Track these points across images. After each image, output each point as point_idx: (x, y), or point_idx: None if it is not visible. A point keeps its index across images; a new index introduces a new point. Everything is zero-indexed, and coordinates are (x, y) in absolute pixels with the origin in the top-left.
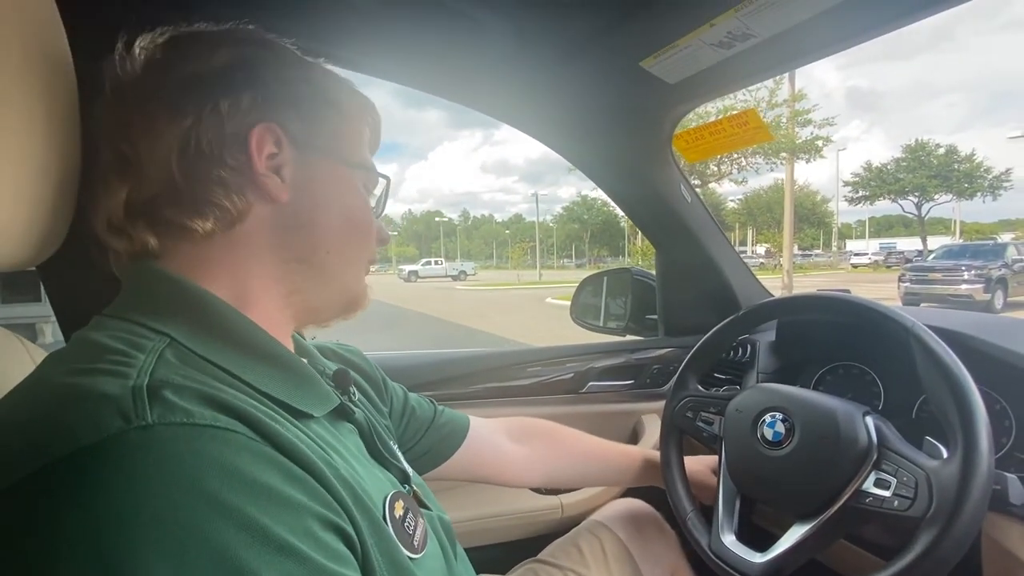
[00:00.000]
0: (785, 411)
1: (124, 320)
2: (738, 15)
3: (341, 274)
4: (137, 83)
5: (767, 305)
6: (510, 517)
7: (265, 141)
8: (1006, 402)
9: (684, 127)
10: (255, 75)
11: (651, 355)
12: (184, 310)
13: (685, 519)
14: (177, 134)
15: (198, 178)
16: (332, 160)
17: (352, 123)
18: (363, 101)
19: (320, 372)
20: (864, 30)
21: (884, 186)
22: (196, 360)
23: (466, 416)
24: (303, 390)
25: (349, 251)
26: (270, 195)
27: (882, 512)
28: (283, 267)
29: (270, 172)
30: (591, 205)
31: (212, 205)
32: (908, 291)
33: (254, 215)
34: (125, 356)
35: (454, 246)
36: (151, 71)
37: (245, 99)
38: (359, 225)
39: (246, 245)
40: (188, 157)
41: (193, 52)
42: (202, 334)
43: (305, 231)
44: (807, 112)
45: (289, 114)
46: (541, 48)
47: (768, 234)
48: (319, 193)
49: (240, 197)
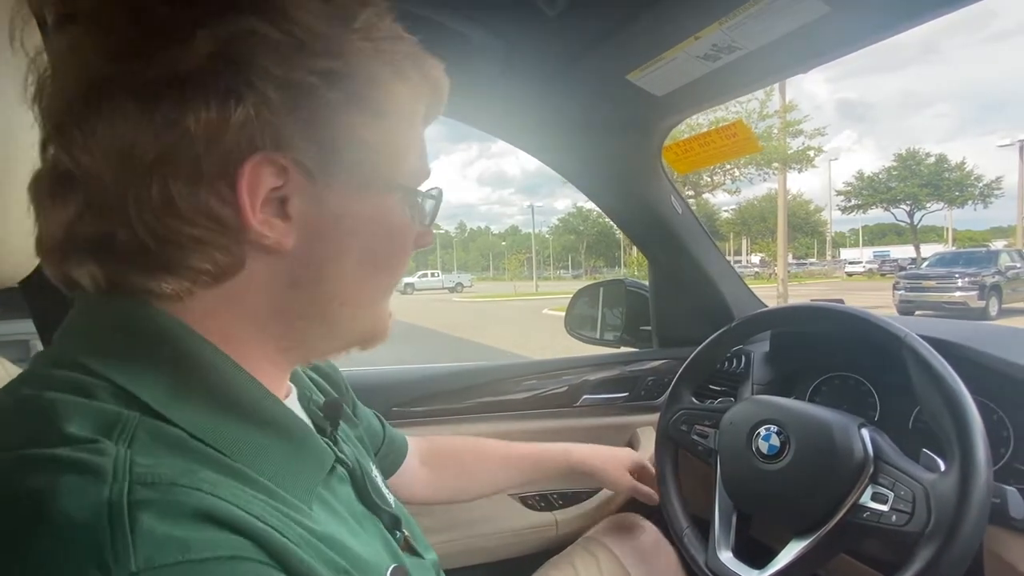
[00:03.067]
0: (780, 424)
1: (81, 371)
2: (722, 28)
3: (359, 319)
4: (61, 73)
5: (759, 316)
6: (503, 535)
7: (262, 177)
8: (1003, 412)
9: (676, 139)
10: (247, 74)
11: (645, 367)
12: (163, 360)
13: (681, 535)
14: (131, 171)
15: (164, 237)
16: (361, 186)
17: (398, 122)
18: (421, 76)
19: (308, 404)
20: (848, 42)
21: (876, 195)
22: (178, 438)
23: (404, 437)
24: (301, 458)
25: (371, 293)
26: (267, 248)
27: (880, 527)
28: (285, 325)
29: (269, 216)
30: (586, 216)
31: (184, 268)
32: (903, 299)
33: (247, 270)
34: (89, 444)
35: (450, 258)
36: (73, 66)
37: (231, 116)
38: (390, 260)
39: (233, 304)
40: (149, 207)
41: (160, 40)
42: (184, 394)
43: (315, 286)
44: (798, 123)
45: (300, 133)
46: (530, 63)
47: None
48: (337, 234)
49: (224, 255)
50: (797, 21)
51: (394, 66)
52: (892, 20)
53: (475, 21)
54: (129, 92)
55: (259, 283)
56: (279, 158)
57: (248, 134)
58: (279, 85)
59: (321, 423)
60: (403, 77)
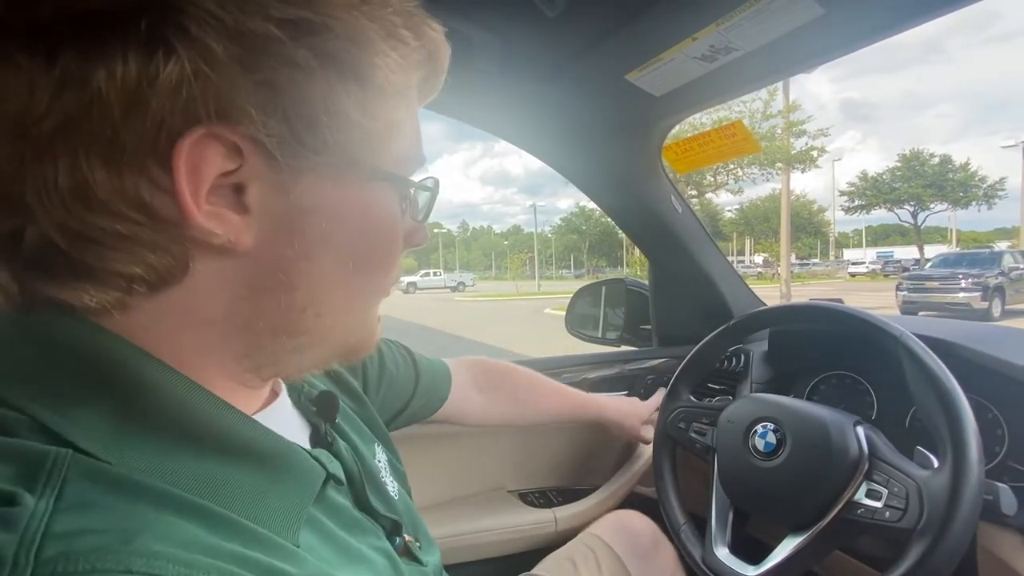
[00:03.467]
0: (776, 421)
1: (5, 406)
2: (719, 29)
3: (338, 330)
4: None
5: (757, 315)
6: (501, 531)
7: (207, 157)
8: (998, 411)
9: (678, 138)
10: (181, 17)
11: (645, 365)
12: (100, 388)
13: (678, 531)
14: (28, 146)
15: (78, 233)
16: (339, 172)
17: (386, 94)
18: (415, 38)
19: (299, 399)
20: (843, 43)
21: (880, 195)
22: (122, 479)
23: (444, 364)
24: (282, 484)
25: (354, 301)
26: (218, 248)
27: (874, 523)
28: (248, 341)
29: (220, 207)
30: (589, 216)
31: (108, 274)
32: (906, 300)
33: (194, 274)
34: (2, 499)
35: (453, 257)
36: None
37: (158, 73)
38: (375, 262)
39: (178, 318)
40: (55, 193)
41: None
42: (129, 427)
43: (283, 293)
44: (801, 123)
45: (257, 102)
46: (529, 62)
47: (765, 244)
48: (309, 230)
49: (161, 256)
50: (793, 23)
51: (383, 23)
52: (887, 22)
53: (474, 20)
54: (19, 40)
55: (210, 290)
56: (229, 133)
57: (183, 100)
58: (227, 35)
59: (315, 420)
60: (394, 37)
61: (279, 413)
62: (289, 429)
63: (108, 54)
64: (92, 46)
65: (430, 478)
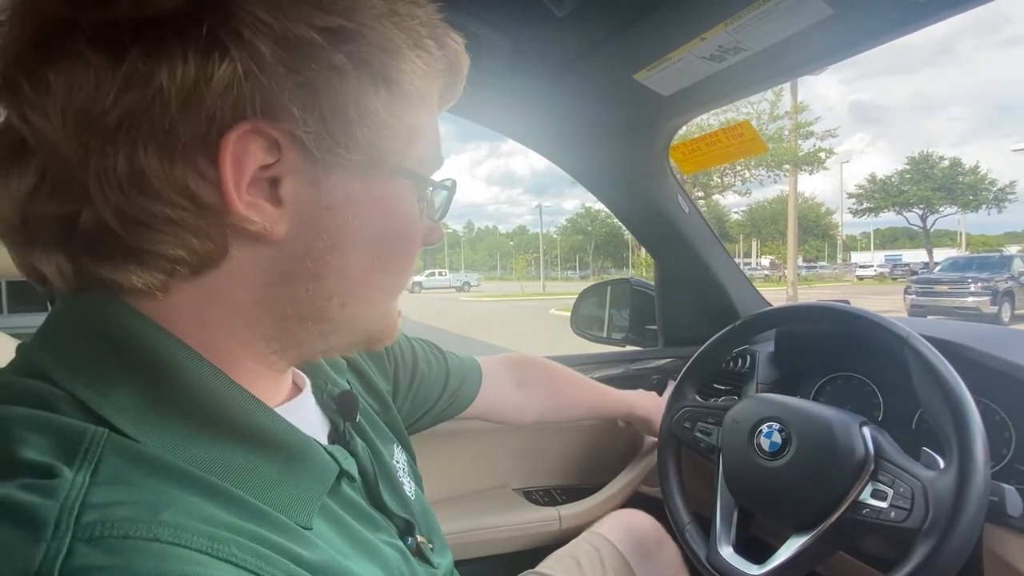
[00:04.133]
0: (782, 421)
1: (45, 380)
2: (728, 29)
3: (361, 319)
4: (16, 17)
5: (763, 315)
6: (506, 529)
7: (250, 151)
8: (1006, 413)
9: (686, 138)
10: (235, 22)
11: (650, 365)
12: (132, 370)
13: (683, 530)
14: (92, 136)
15: (131, 217)
16: (367, 169)
17: (412, 99)
18: (439, 48)
19: (322, 396)
20: (852, 44)
21: (888, 198)
22: (152, 458)
23: (475, 361)
24: (297, 475)
25: (377, 292)
26: (254, 236)
27: (879, 523)
28: (276, 325)
29: (257, 198)
30: (595, 217)
31: (155, 256)
32: (914, 303)
33: (231, 260)
34: (41, 477)
35: (458, 257)
36: (29, 8)
37: (214, 72)
38: (398, 256)
39: (216, 300)
40: (114, 180)
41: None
42: (156, 409)
43: (311, 282)
44: (809, 124)
45: (298, 101)
46: (537, 61)
47: (773, 246)
48: (337, 223)
49: (203, 241)
50: (801, 23)
51: (410, 33)
52: (895, 23)
53: (482, 19)
54: (89, 38)
55: (245, 276)
56: (271, 129)
57: (234, 97)
58: (275, 40)
59: (335, 417)
60: (420, 47)
61: (301, 408)
62: (309, 424)
63: (170, 54)
64: (156, 47)
65: (435, 475)
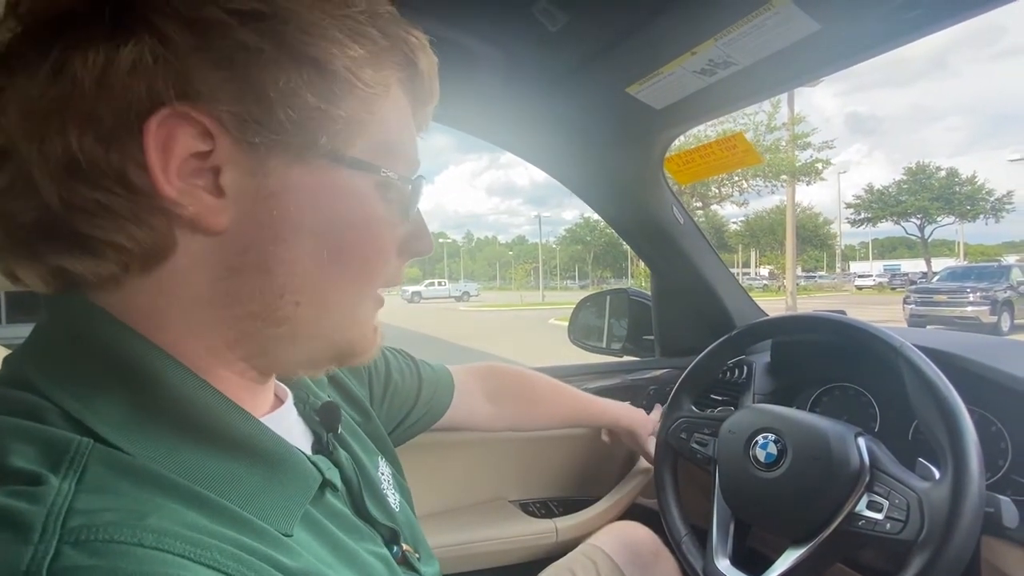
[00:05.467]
0: (777, 432)
1: (31, 390)
2: (718, 44)
3: (323, 325)
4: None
5: (759, 325)
6: (501, 542)
7: (177, 136)
8: (1001, 424)
9: (681, 150)
10: (141, 8)
11: (647, 376)
12: (117, 379)
13: (679, 543)
14: (34, 127)
15: (68, 202)
16: (302, 153)
17: (353, 86)
18: (384, 37)
19: (304, 408)
20: (839, 58)
21: (886, 208)
22: (135, 467)
23: (446, 369)
24: (280, 483)
25: (335, 293)
26: (195, 225)
27: (876, 535)
28: (235, 326)
29: (194, 186)
30: (593, 227)
31: (101, 244)
32: (914, 313)
33: (180, 252)
34: (28, 485)
35: (457, 267)
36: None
37: (120, 58)
38: (355, 254)
39: (172, 294)
40: (53, 167)
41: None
42: (142, 419)
43: (258, 275)
44: (806, 135)
45: (212, 82)
46: (531, 75)
47: (771, 256)
48: (279, 212)
49: (146, 229)
50: (790, 38)
51: (342, 20)
52: (883, 37)
53: (477, 34)
54: (26, 37)
55: (193, 269)
56: (194, 112)
57: (147, 81)
58: (184, 23)
59: (317, 429)
60: (357, 34)
61: (283, 419)
62: (292, 435)
63: (84, 44)
64: (73, 39)
65: (431, 487)
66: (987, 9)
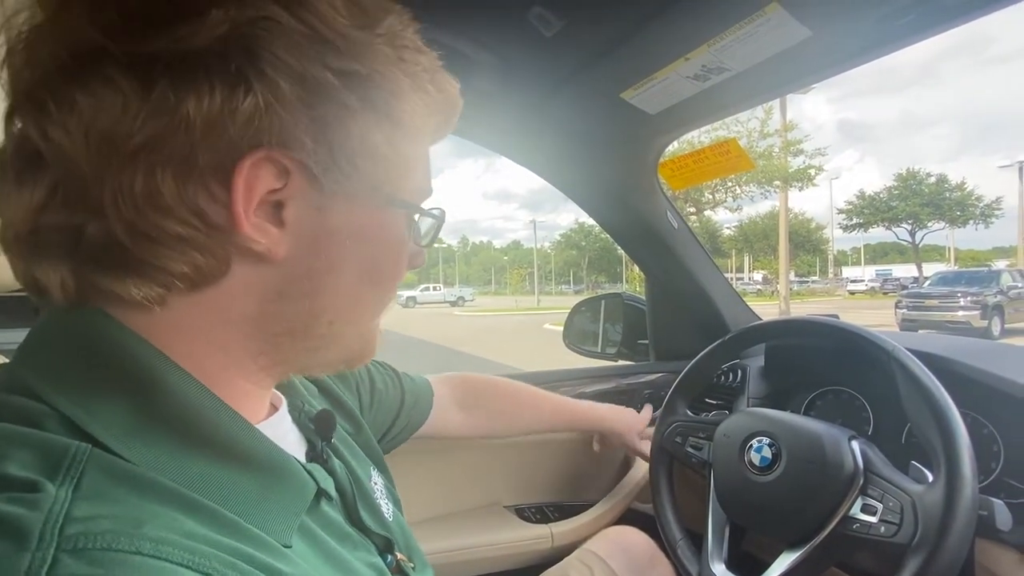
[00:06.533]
0: (772, 436)
1: (30, 396)
2: (711, 50)
3: (348, 337)
4: (42, 38)
5: (752, 329)
6: (496, 547)
7: (260, 176)
8: (994, 427)
9: (675, 155)
10: (260, 62)
11: (642, 380)
12: (120, 387)
13: (675, 547)
14: (112, 156)
15: (143, 233)
16: (366, 197)
17: (411, 135)
18: (437, 91)
19: (299, 416)
20: (831, 64)
21: (878, 214)
22: (133, 474)
23: (425, 381)
24: (278, 492)
25: (364, 311)
26: (258, 255)
27: (870, 538)
28: (269, 342)
29: (262, 220)
30: (588, 232)
31: (158, 270)
32: (905, 318)
33: (231, 277)
34: (25, 491)
35: (452, 272)
36: (58, 30)
37: (238, 105)
38: (386, 278)
39: (212, 313)
40: (130, 198)
41: (167, 13)
42: (143, 425)
43: (305, 300)
44: (798, 142)
45: (311, 134)
46: (526, 81)
47: (764, 261)
48: (334, 246)
49: (209, 258)
50: (782, 44)
51: (413, 78)
52: (874, 44)
53: (473, 40)
54: (123, 66)
55: (242, 292)
56: (282, 157)
57: (254, 128)
58: (294, 78)
59: (312, 437)
60: (421, 90)
61: (278, 426)
62: (286, 442)
63: (199, 87)
64: (186, 78)
65: (426, 492)
66: (975, 16)
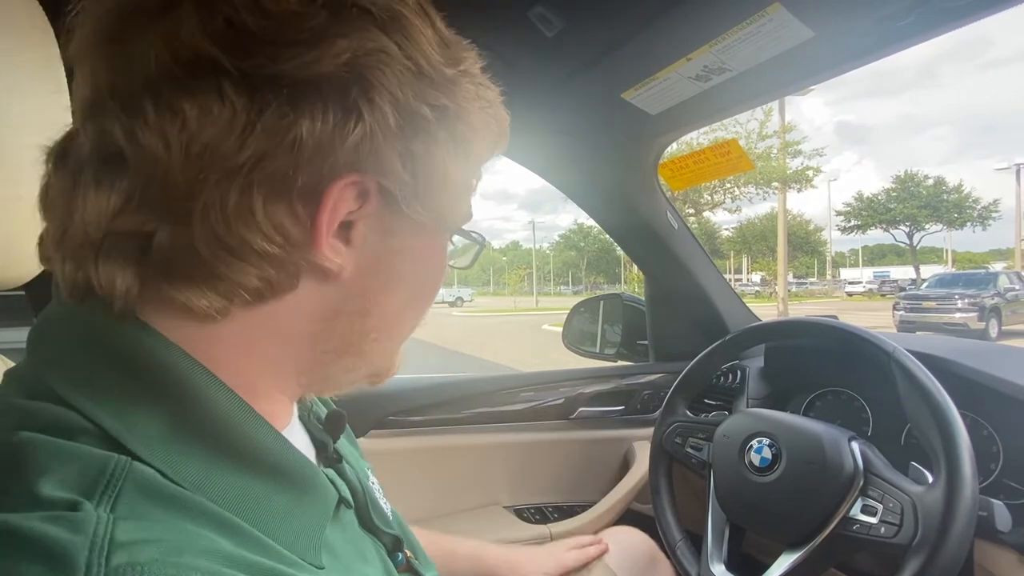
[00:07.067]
0: (771, 436)
1: (62, 404)
2: (713, 50)
3: (380, 355)
4: (140, 42)
5: (752, 330)
6: None
7: (345, 197)
8: (993, 428)
9: (675, 156)
10: (372, 92)
11: (641, 380)
12: (163, 399)
13: (674, 548)
14: (210, 168)
15: (227, 246)
16: (429, 223)
17: (476, 165)
18: (497, 125)
19: (308, 417)
20: (832, 65)
21: (876, 216)
22: (170, 493)
23: None
24: (306, 504)
25: (405, 329)
26: (325, 273)
27: (870, 539)
28: (317, 359)
29: (335, 239)
30: (587, 233)
31: (230, 283)
32: (903, 319)
33: (295, 293)
34: (65, 511)
35: (451, 272)
36: (161, 36)
37: (349, 132)
38: (428, 299)
39: (269, 326)
40: (222, 211)
41: (292, 36)
42: (182, 438)
43: (357, 318)
44: (797, 143)
45: (402, 163)
46: (527, 81)
47: (763, 262)
48: (392, 267)
49: (281, 273)
50: (784, 44)
51: (484, 113)
52: (875, 45)
53: (472, 39)
54: (235, 80)
55: (303, 308)
56: (369, 181)
57: (357, 154)
58: (398, 109)
59: (323, 438)
60: (488, 126)
61: (295, 431)
62: (302, 447)
63: (314, 111)
64: (303, 100)
65: (426, 492)
66: (976, 18)
